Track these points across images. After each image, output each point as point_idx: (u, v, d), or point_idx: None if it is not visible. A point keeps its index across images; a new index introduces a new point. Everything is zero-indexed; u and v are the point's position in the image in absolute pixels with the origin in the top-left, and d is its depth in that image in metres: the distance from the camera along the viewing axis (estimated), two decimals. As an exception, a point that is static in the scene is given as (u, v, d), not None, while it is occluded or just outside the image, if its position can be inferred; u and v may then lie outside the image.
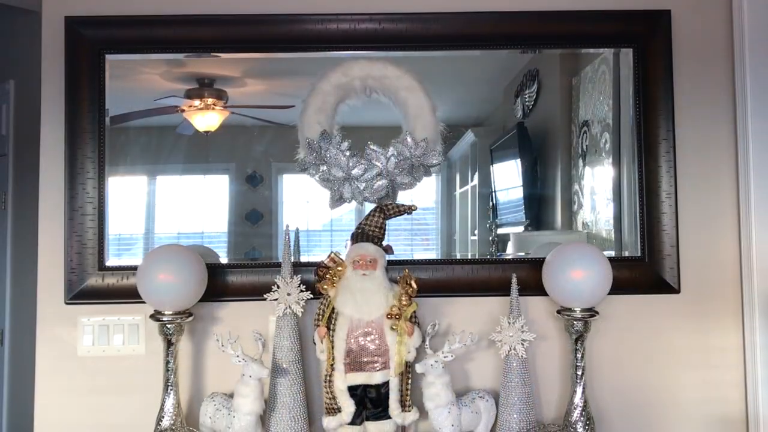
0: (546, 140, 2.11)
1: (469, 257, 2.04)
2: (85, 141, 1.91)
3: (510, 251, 2.08)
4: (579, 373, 1.80)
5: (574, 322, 1.79)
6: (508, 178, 2.12)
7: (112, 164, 1.95)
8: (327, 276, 1.79)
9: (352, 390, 1.76)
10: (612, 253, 1.99)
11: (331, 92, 1.88)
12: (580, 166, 2.08)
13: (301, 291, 1.80)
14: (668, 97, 1.97)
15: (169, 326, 1.76)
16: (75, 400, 1.92)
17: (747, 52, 1.97)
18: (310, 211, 2.02)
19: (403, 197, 1.90)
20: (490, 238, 2.09)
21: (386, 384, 1.76)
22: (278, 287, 1.80)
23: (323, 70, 1.91)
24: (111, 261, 1.93)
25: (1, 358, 3.35)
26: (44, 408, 1.92)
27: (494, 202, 2.11)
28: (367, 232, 1.82)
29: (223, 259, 1.99)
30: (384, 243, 1.84)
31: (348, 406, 1.75)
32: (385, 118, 1.96)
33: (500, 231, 2.09)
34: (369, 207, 1.87)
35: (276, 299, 1.80)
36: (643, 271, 1.96)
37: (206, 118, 2.01)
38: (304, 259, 1.97)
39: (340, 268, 1.79)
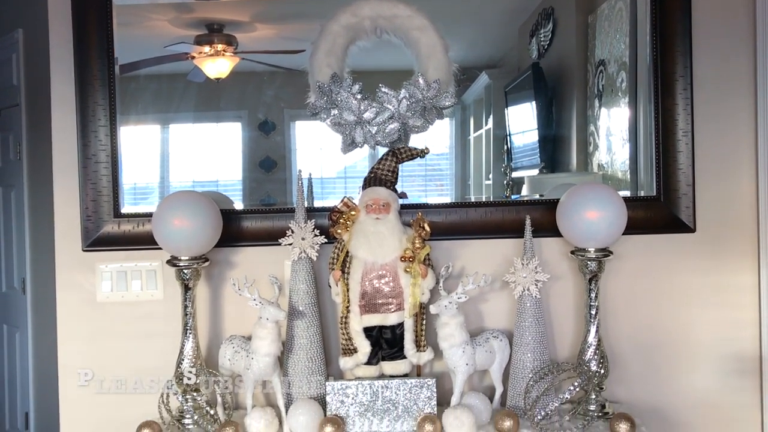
0: (561, 81, 2.08)
1: (483, 200, 2.04)
2: (96, 89, 1.90)
3: (525, 194, 2.07)
4: (593, 312, 1.81)
5: (588, 263, 1.79)
6: (522, 120, 2.10)
7: (123, 112, 1.94)
8: (341, 220, 1.79)
9: (368, 331, 1.78)
10: (627, 194, 1.97)
11: (341, 33, 1.85)
12: (596, 107, 2.05)
13: (315, 235, 1.81)
14: (686, 32, 1.91)
15: (185, 271, 1.78)
16: (97, 345, 1.96)
17: (769, -16, 1.91)
18: (324, 158, 2.01)
19: (416, 141, 1.89)
20: (505, 181, 2.08)
21: (401, 325, 1.78)
22: (293, 232, 1.81)
23: (332, 11, 1.87)
24: (126, 209, 1.94)
25: (24, 306, 3.43)
26: (67, 353, 1.96)
27: (509, 145, 2.09)
28: (380, 176, 1.82)
29: (238, 206, 1.99)
30: (399, 190, 1.83)
31: (364, 347, 1.78)
32: (397, 62, 1.93)
33: (515, 174, 2.08)
34: (382, 152, 1.86)
35: (291, 244, 1.81)
36: (659, 210, 1.94)
37: (216, 65, 1.99)
38: (318, 204, 1.97)
39: (353, 213, 1.79)
